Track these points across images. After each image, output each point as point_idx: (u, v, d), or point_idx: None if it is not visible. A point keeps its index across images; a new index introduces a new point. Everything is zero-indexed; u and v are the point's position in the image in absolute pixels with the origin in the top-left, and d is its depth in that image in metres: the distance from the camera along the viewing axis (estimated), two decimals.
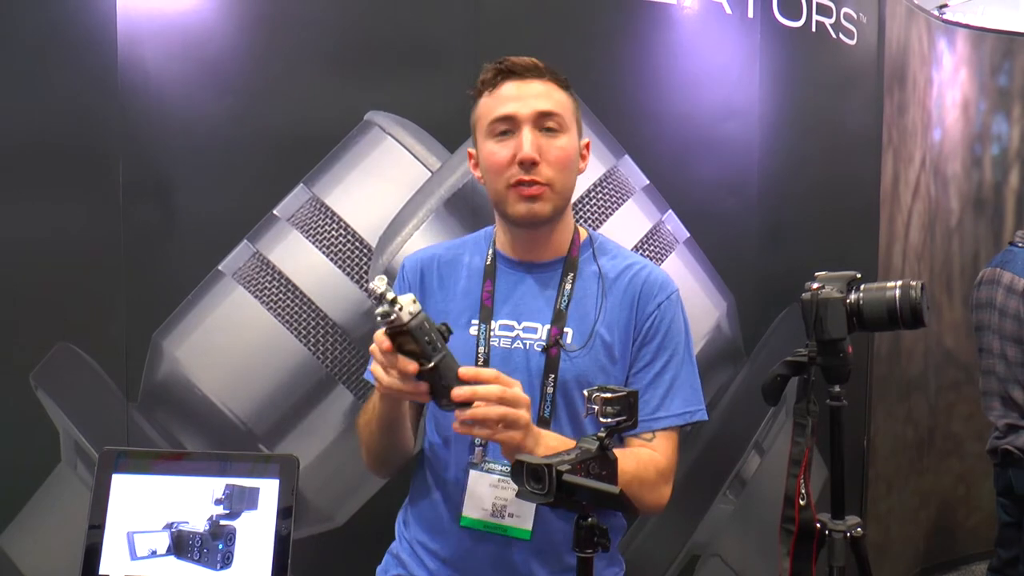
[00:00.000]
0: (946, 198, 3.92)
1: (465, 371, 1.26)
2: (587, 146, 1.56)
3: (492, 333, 1.49)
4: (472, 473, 1.49)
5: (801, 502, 1.69)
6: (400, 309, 1.19)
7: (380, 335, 1.24)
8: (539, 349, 1.48)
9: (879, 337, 3.33)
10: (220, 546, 1.12)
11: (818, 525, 1.73)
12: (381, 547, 1.68)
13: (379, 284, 1.18)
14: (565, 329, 1.49)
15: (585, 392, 1.24)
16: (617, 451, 1.26)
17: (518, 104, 1.43)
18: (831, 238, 2.77)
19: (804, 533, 1.71)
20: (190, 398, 2.04)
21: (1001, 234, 4.13)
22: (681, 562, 2.49)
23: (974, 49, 3.93)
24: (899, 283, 1.74)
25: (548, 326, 1.48)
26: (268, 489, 1.14)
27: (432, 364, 1.22)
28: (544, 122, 1.44)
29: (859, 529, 1.76)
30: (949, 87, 3.86)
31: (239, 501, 1.13)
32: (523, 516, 1.46)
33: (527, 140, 1.42)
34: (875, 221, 3.11)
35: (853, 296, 1.75)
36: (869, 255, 3.06)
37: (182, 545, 1.13)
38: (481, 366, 1.46)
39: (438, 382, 1.25)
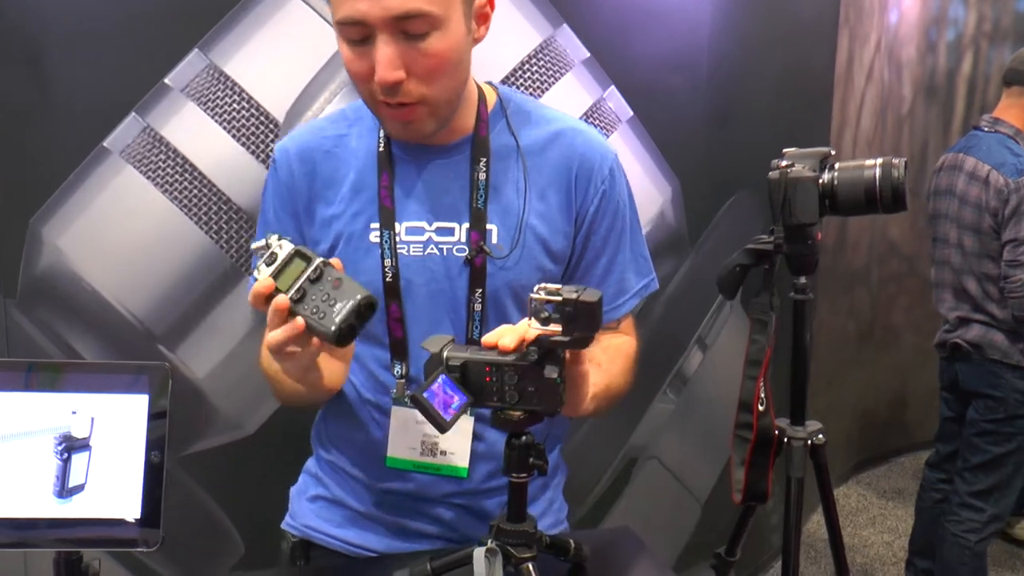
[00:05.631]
0: (899, 84, 3.78)
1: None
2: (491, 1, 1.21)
3: (398, 239, 1.23)
4: (395, 409, 1.27)
5: (760, 407, 1.54)
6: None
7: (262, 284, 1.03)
8: (460, 256, 1.23)
9: (826, 226, 3.22)
10: (69, 474, 0.93)
11: (776, 432, 1.59)
12: (297, 458, 1.50)
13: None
14: (488, 227, 1.24)
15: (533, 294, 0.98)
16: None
17: (367, 3, 1.07)
18: (782, 121, 2.61)
19: (762, 441, 1.57)
20: (77, 293, 1.87)
21: (951, 123, 4.03)
22: (617, 467, 2.39)
23: None
24: (879, 160, 1.56)
25: (466, 226, 1.24)
26: (135, 406, 0.94)
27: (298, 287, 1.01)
28: (404, 26, 1.09)
29: (820, 436, 1.64)
30: None
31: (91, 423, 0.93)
32: (457, 453, 1.27)
33: (382, 58, 1.09)
34: (828, 104, 2.97)
35: (827, 176, 1.56)
36: (821, 140, 2.91)
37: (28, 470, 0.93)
38: (389, 283, 1.23)
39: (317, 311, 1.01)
